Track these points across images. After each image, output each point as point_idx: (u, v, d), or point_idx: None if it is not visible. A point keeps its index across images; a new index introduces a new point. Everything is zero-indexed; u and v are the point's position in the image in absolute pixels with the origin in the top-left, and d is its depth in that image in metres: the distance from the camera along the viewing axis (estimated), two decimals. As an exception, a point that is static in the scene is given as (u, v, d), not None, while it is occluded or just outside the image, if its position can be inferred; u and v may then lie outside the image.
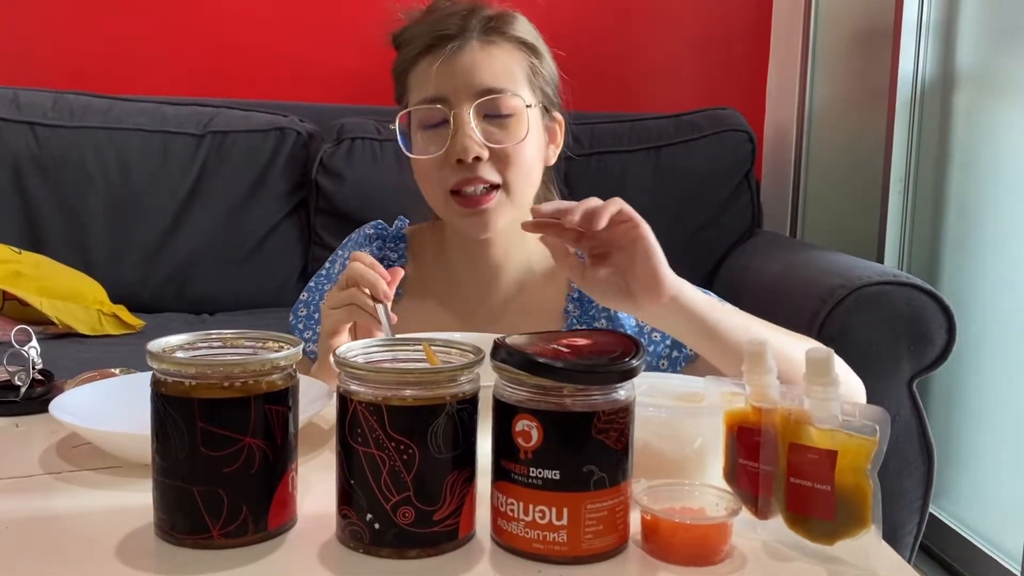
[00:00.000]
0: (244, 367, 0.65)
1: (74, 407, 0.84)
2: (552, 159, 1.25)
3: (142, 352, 0.67)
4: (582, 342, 0.68)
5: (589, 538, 0.64)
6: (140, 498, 0.70)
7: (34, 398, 0.94)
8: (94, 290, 1.87)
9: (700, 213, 2.09)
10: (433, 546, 0.65)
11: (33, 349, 0.97)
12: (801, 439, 0.66)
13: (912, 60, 2.04)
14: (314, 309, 1.26)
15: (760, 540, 0.68)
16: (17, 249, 1.87)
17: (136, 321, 1.88)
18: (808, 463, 0.66)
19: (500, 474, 0.65)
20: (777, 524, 0.68)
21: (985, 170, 1.91)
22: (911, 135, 2.05)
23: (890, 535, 1.47)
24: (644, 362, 0.66)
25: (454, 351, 0.71)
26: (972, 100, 1.96)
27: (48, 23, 2.28)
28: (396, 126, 1.18)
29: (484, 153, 1.13)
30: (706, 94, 2.42)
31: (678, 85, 2.48)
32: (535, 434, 0.63)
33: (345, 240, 1.33)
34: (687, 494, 0.69)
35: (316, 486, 0.75)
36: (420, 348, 0.72)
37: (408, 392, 0.63)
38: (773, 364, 0.69)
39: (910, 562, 1.38)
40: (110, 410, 0.84)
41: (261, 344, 0.71)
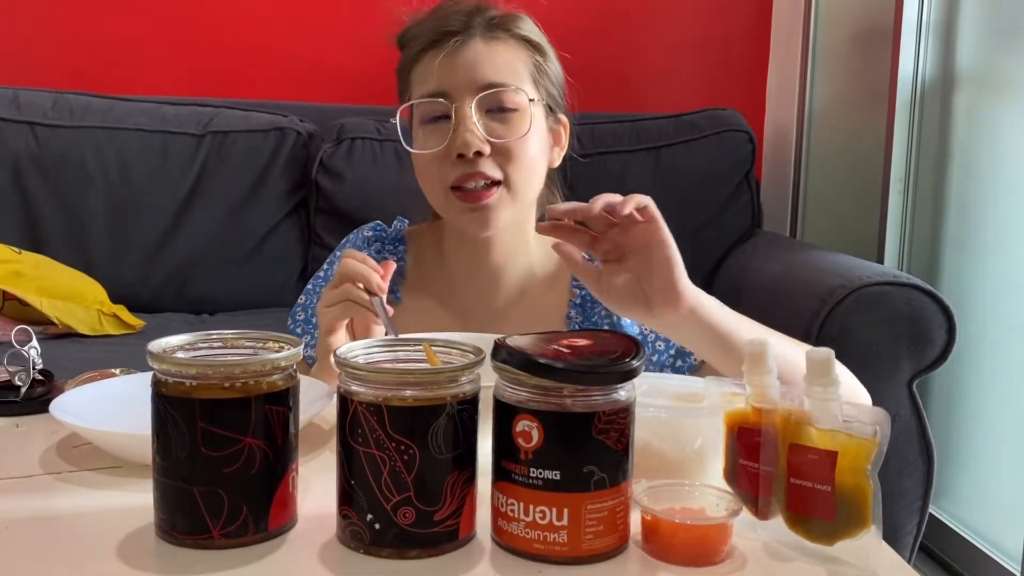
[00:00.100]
0: (245, 367, 0.65)
1: (74, 407, 0.84)
2: (556, 161, 1.24)
3: (142, 352, 0.68)
4: (582, 343, 0.68)
5: (589, 538, 0.64)
6: (140, 498, 0.70)
7: (34, 398, 0.94)
8: (94, 290, 1.87)
9: (700, 213, 2.09)
10: (433, 546, 0.65)
11: (33, 349, 0.97)
12: (801, 439, 0.66)
13: (912, 60, 2.03)
14: (311, 313, 1.23)
15: (760, 540, 0.68)
16: (17, 249, 1.87)
17: (136, 321, 1.88)
18: (808, 463, 0.66)
19: (500, 474, 0.65)
20: (777, 524, 0.68)
21: (985, 170, 1.91)
22: (911, 135, 2.05)
23: (890, 535, 1.47)
24: (644, 363, 0.66)
25: (455, 351, 0.71)
26: (972, 100, 1.96)
27: (48, 23, 2.28)
28: (397, 121, 1.17)
29: (485, 148, 1.11)
30: (706, 94, 2.42)
31: (678, 85, 2.48)
32: (535, 434, 0.63)
33: (343, 241, 1.31)
34: (687, 494, 0.69)
35: (316, 486, 0.75)
36: (421, 348, 0.72)
37: (409, 392, 0.63)
38: (773, 364, 0.69)
39: (910, 562, 1.38)
40: (110, 410, 0.84)
41: (261, 344, 0.71)
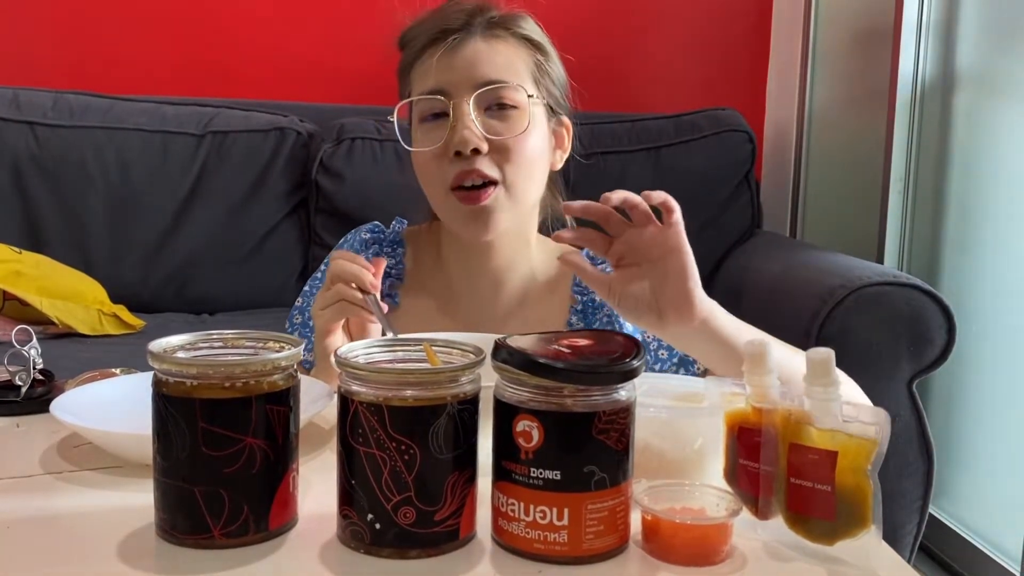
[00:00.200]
0: (245, 367, 0.65)
1: (75, 407, 0.84)
2: (559, 164, 1.22)
3: (142, 352, 0.68)
4: (583, 343, 0.69)
5: (590, 538, 0.64)
6: (141, 498, 0.70)
7: (35, 398, 0.94)
8: (94, 290, 1.87)
9: (700, 213, 2.09)
10: (434, 546, 0.65)
11: (34, 349, 0.97)
12: (801, 439, 0.66)
13: (912, 60, 2.03)
14: (309, 316, 1.21)
15: (760, 540, 0.68)
16: (17, 249, 1.87)
17: (136, 321, 1.88)
18: (808, 463, 0.66)
19: (501, 474, 0.65)
20: (777, 524, 0.68)
21: (985, 170, 1.91)
22: (911, 135, 2.05)
23: (890, 535, 1.47)
24: (645, 363, 0.66)
25: (455, 351, 0.71)
26: (972, 100, 1.96)
27: (48, 23, 2.28)
28: (395, 119, 1.15)
29: (483, 146, 1.09)
30: (706, 94, 2.42)
31: (678, 85, 2.48)
32: (536, 434, 0.63)
33: (340, 242, 1.30)
34: (687, 494, 0.69)
35: (317, 486, 0.75)
36: (421, 348, 0.72)
37: (409, 392, 0.63)
38: (774, 364, 0.69)
39: (910, 562, 1.38)
40: (111, 410, 0.84)
41: (262, 344, 0.71)
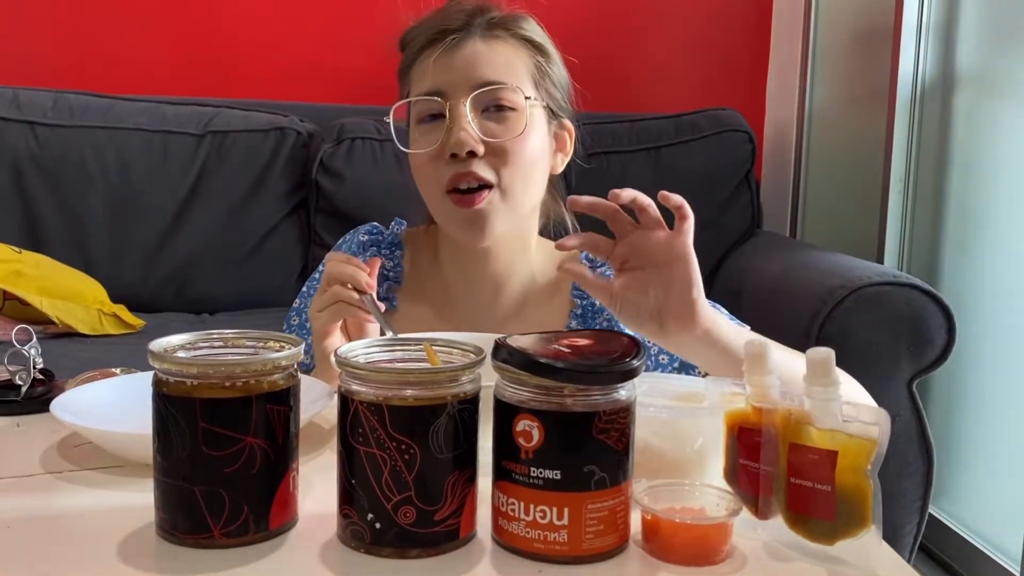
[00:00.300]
0: (245, 367, 0.65)
1: (75, 406, 0.84)
2: (559, 168, 1.20)
3: (142, 352, 0.68)
4: (583, 342, 0.69)
5: (590, 538, 0.64)
6: (141, 498, 0.70)
7: (35, 397, 0.94)
8: (94, 290, 1.87)
9: (700, 213, 2.05)
10: (434, 546, 0.65)
11: (34, 348, 0.97)
12: (802, 439, 0.66)
13: (912, 60, 2.04)
14: (306, 318, 1.20)
15: (760, 540, 0.68)
16: (17, 249, 1.87)
17: (136, 321, 1.88)
18: (808, 463, 0.66)
19: (501, 474, 0.65)
20: (777, 524, 0.68)
21: (985, 170, 1.91)
22: (911, 135, 2.05)
23: (890, 535, 1.47)
24: (644, 362, 0.66)
25: (455, 351, 0.71)
26: (972, 100, 1.96)
27: (48, 23, 2.28)
28: (391, 120, 1.14)
29: (479, 148, 1.08)
30: (706, 94, 2.42)
31: (678, 85, 2.48)
32: (536, 434, 0.63)
33: (339, 242, 1.29)
34: (688, 494, 0.69)
35: (317, 486, 0.75)
36: (421, 348, 0.72)
37: (409, 392, 0.63)
38: (773, 364, 0.69)
39: (910, 562, 1.38)
40: (111, 410, 0.84)
41: (262, 344, 0.71)
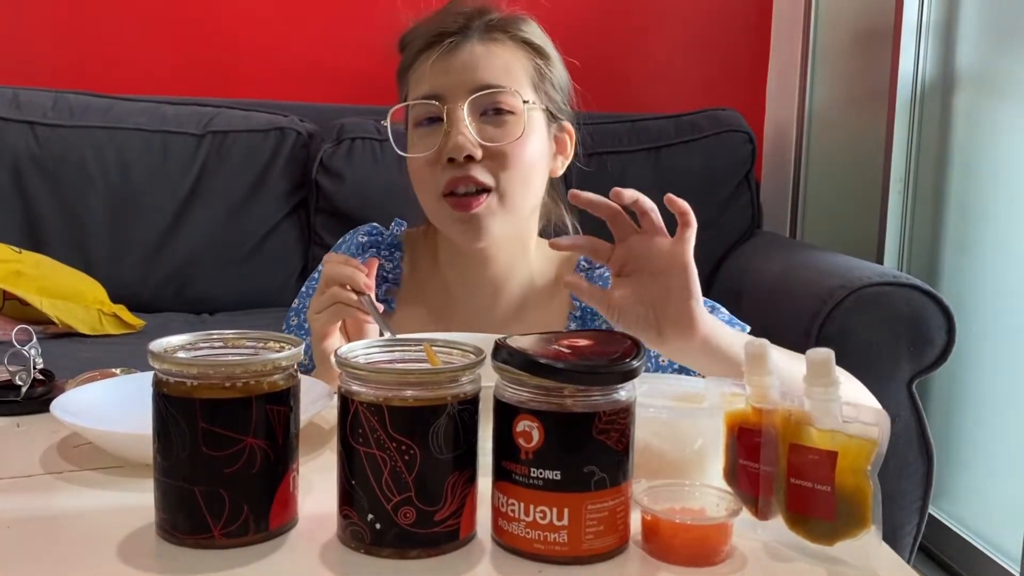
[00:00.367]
0: (246, 367, 0.65)
1: (75, 407, 0.84)
2: (559, 170, 1.19)
3: (142, 352, 0.68)
4: (583, 343, 0.69)
5: (590, 538, 0.64)
6: (141, 498, 0.70)
7: (35, 398, 0.94)
8: (94, 290, 1.87)
9: (700, 213, 2.05)
10: (434, 546, 0.65)
11: (34, 349, 0.97)
12: (801, 440, 0.66)
13: (912, 60, 2.04)
14: (305, 319, 1.19)
15: (760, 541, 0.68)
16: (17, 249, 1.87)
17: (136, 321, 1.88)
18: (808, 464, 0.66)
19: (501, 474, 0.65)
20: (777, 525, 0.68)
21: (985, 170, 1.91)
22: (911, 135, 2.05)
23: (889, 536, 1.47)
24: (644, 363, 0.66)
25: (455, 352, 0.71)
26: (972, 100, 1.96)
27: (48, 23, 2.28)
28: (388, 123, 1.13)
29: (477, 152, 1.07)
30: (706, 94, 2.42)
31: (678, 85, 2.48)
32: (536, 435, 0.63)
33: (338, 242, 1.29)
34: (687, 495, 0.69)
35: (317, 486, 0.75)
36: (421, 349, 0.72)
37: (409, 392, 0.63)
38: (775, 359, 0.69)
39: (909, 563, 1.38)
40: (111, 410, 0.84)
41: (262, 344, 0.71)
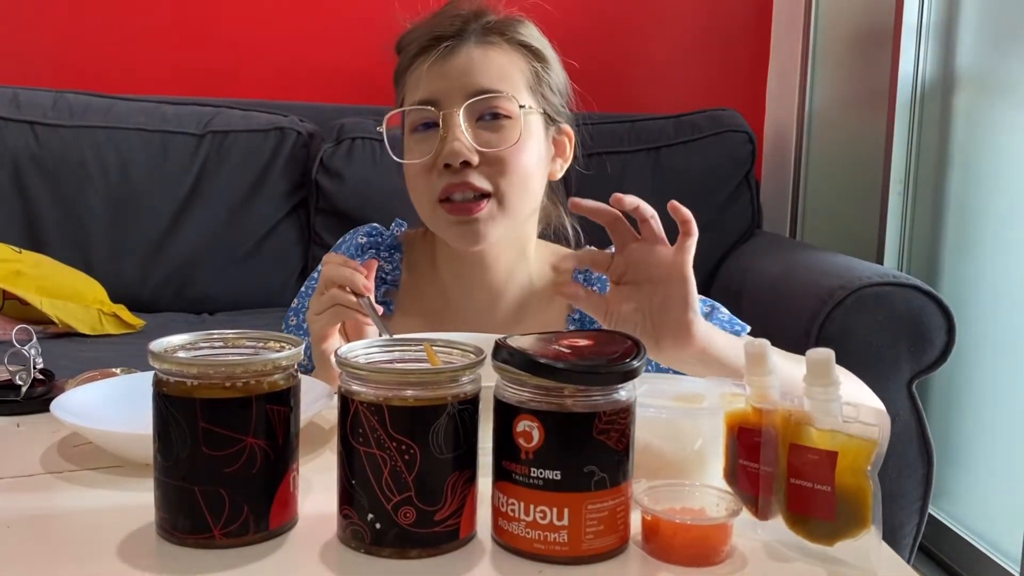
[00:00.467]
0: (246, 367, 0.65)
1: (75, 406, 0.84)
2: (558, 174, 1.18)
3: (143, 352, 0.68)
4: (583, 343, 0.69)
5: (590, 538, 0.64)
6: (141, 498, 0.70)
7: (35, 397, 0.94)
8: (94, 289, 1.87)
9: (700, 214, 2.05)
10: (434, 546, 0.65)
11: (34, 348, 0.97)
12: (801, 440, 0.66)
13: (912, 61, 2.04)
14: (303, 319, 1.18)
15: (760, 541, 0.68)
16: (17, 248, 1.87)
17: (136, 321, 1.88)
18: (808, 464, 0.66)
19: (501, 474, 0.65)
20: (777, 525, 0.68)
21: (985, 171, 1.91)
22: (911, 136, 2.05)
23: (889, 536, 1.47)
24: (644, 363, 0.66)
25: (455, 351, 0.71)
26: (972, 101, 1.96)
27: (48, 23, 2.28)
28: (384, 129, 1.12)
29: (474, 158, 1.06)
30: (706, 94, 2.42)
31: (678, 85, 2.49)
32: (536, 434, 0.63)
33: (338, 242, 1.28)
34: (688, 495, 0.69)
35: (317, 486, 0.75)
36: (421, 348, 0.72)
37: (409, 392, 0.63)
38: (775, 361, 0.70)
39: (909, 563, 1.38)
40: (111, 410, 0.84)
41: (263, 344, 0.71)
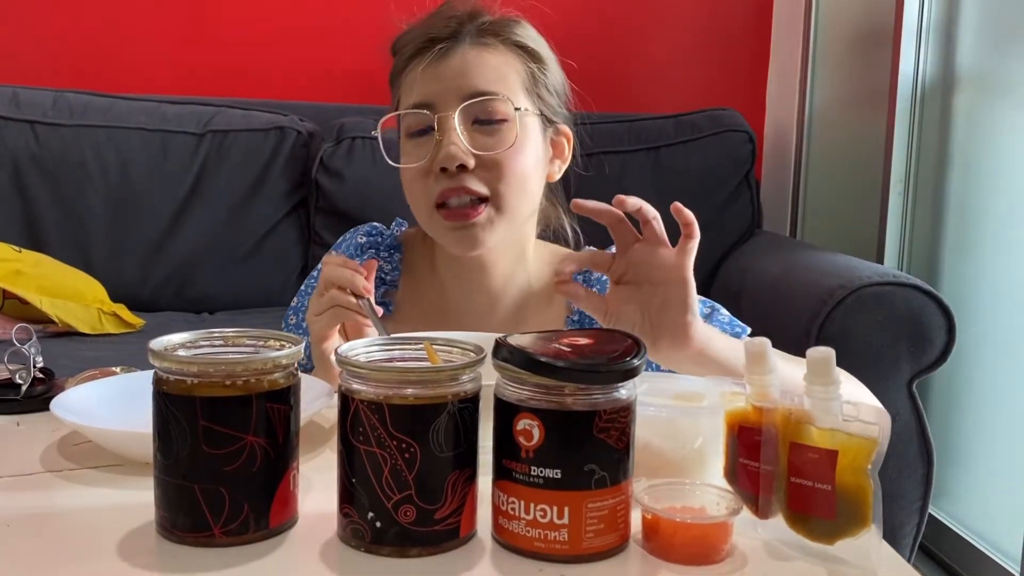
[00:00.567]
0: (246, 365, 0.65)
1: (75, 405, 0.84)
2: (556, 175, 1.18)
3: (142, 351, 0.68)
4: (584, 341, 0.69)
5: (590, 537, 0.64)
6: (141, 496, 0.70)
7: (35, 396, 0.94)
8: (94, 289, 1.87)
9: (700, 214, 2.05)
10: (434, 545, 0.65)
11: (34, 347, 0.97)
12: (802, 439, 0.66)
13: (912, 61, 2.04)
14: (303, 318, 1.18)
15: (761, 539, 0.68)
16: (17, 248, 1.87)
17: (136, 320, 1.88)
18: (809, 463, 0.66)
19: (501, 473, 0.65)
20: (777, 523, 0.68)
21: (985, 170, 1.91)
22: (911, 136, 2.05)
23: (890, 535, 1.47)
24: (645, 362, 0.66)
25: (455, 350, 0.71)
26: (972, 101, 1.96)
27: (48, 22, 2.28)
28: (379, 133, 1.11)
29: (470, 161, 1.05)
30: (706, 94, 2.42)
31: (678, 85, 2.49)
32: (536, 433, 0.63)
33: (338, 241, 1.28)
34: (688, 493, 0.69)
35: (317, 485, 0.75)
36: (422, 347, 0.72)
37: (410, 391, 0.63)
38: (774, 363, 0.70)
39: (909, 562, 1.38)
40: (111, 408, 0.84)
41: (263, 342, 0.71)
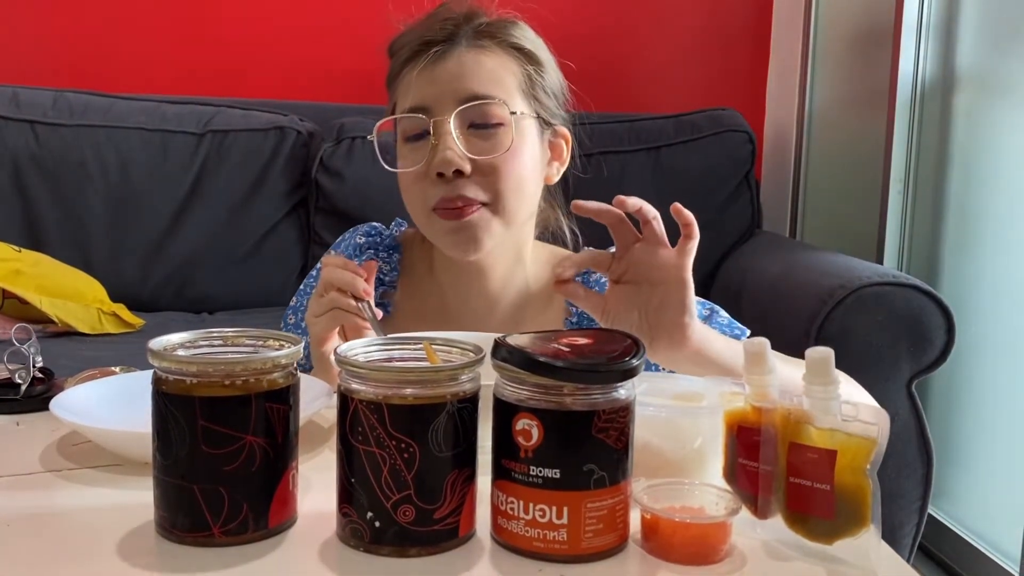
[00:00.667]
0: (245, 365, 0.65)
1: (75, 405, 0.84)
2: (555, 177, 1.17)
3: (142, 351, 0.68)
4: (583, 341, 0.69)
5: (589, 537, 0.64)
6: (141, 496, 0.70)
7: (34, 396, 0.94)
8: (94, 289, 1.87)
9: (700, 214, 2.05)
10: (433, 544, 0.65)
11: (33, 347, 0.97)
12: (801, 439, 0.66)
13: (912, 61, 2.04)
14: (302, 318, 1.18)
15: (760, 539, 0.68)
16: (17, 247, 1.87)
17: (136, 320, 1.88)
18: (808, 463, 0.66)
19: (500, 473, 0.65)
20: (777, 523, 0.68)
21: (985, 170, 1.91)
22: (911, 135, 2.05)
23: (889, 535, 1.47)
24: (644, 361, 0.66)
25: (455, 350, 0.71)
26: (972, 100, 1.96)
27: (48, 22, 2.28)
28: (375, 137, 1.11)
29: (466, 166, 1.04)
30: (706, 94, 2.42)
31: (678, 85, 2.49)
32: (535, 433, 0.63)
33: (337, 240, 1.28)
34: (687, 493, 0.69)
35: (316, 484, 0.75)
36: (421, 347, 0.72)
37: (409, 391, 0.63)
38: (773, 364, 0.70)
39: (909, 562, 1.38)
40: (111, 408, 0.84)
41: (262, 342, 0.71)
